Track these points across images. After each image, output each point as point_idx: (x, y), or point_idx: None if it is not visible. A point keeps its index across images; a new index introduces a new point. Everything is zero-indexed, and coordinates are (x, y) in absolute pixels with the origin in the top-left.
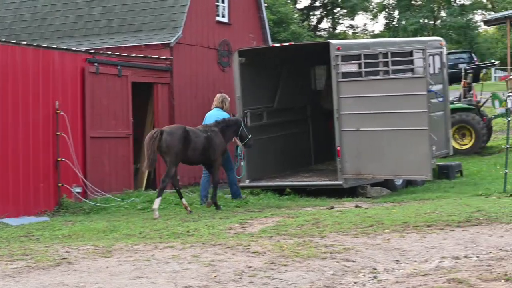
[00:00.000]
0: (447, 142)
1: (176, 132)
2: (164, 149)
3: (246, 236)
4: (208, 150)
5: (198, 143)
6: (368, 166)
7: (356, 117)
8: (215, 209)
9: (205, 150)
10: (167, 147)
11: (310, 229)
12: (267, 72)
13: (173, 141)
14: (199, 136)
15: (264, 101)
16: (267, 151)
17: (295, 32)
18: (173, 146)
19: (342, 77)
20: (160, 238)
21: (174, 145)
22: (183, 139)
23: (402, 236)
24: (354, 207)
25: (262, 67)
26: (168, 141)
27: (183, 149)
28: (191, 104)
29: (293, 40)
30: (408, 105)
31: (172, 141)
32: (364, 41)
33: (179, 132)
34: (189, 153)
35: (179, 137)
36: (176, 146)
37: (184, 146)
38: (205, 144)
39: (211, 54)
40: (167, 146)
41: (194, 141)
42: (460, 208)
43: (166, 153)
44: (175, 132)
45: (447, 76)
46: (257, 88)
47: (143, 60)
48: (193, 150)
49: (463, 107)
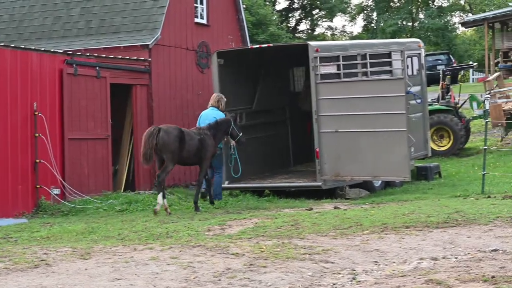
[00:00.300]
0: (425, 144)
1: (172, 131)
2: (160, 146)
3: (225, 238)
4: (201, 152)
5: (192, 145)
6: (347, 168)
7: (334, 119)
8: (193, 210)
9: (198, 152)
10: (163, 144)
11: (289, 230)
12: (246, 73)
13: (169, 139)
14: (193, 138)
15: (243, 103)
16: (245, 152)
17: (274, 33)
18: (168, 144)
19: (320, 79)
20: (139, 239)
21: (170, 143)
22: (179, 138)
23: (380, 237)
24: (333, 209)
25: (241, 69)
26: (165, 139)
27: (179, 148)
28: (169, 105)
29: (272, 41)
30: (387, 107)
31: (168, 139)
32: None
33: (175, 132)
34: (184, 154)
35: (174, 137)
36: (172, 144)
37: (180, 146)
38: (198, 146)
39: (189, 56)
40: (163, 143)
41: (189, 143)
42: (439, 209)
43: (162, 150)
44: (171, 131)
45: (425, 77)
46: (236, 90)
47: (121, 61)
48: (187, 152)
49: (441, 109)
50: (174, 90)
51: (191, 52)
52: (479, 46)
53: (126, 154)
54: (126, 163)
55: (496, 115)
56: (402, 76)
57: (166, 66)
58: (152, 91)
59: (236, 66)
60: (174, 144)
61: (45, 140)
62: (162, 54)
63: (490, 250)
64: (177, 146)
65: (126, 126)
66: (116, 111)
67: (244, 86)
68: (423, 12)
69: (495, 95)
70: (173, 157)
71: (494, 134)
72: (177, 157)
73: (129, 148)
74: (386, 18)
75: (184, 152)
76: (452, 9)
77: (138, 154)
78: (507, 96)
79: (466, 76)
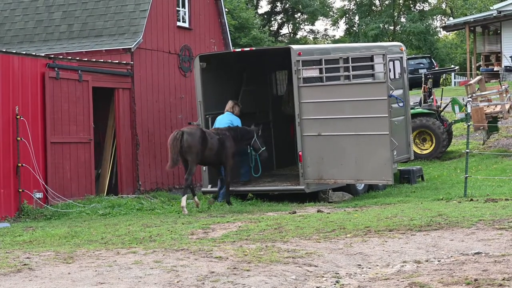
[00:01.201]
0: (408, 147)
1: (195, 132)
2: (185, 149)
3: (208, 241)
4: (221, 152)
5: (213, 144)
6: (330, 171)
7: (317, 122)
8: (227, 205)
9: (218, 152)
10: (188, 146)
11: (272, 234)
12: (228, 77)
13: (194, 141)
14: (213, 138)
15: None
16: None
17: (256, 37)
18: (193, 146)
19: (303, 82)
20: (122, 243)
21: (194, 145)
22: (202, 139)
23: (364, 241)
24: (316, 212)
25: (224, 72)
26: (189, 141)
27: (202, 149)
28: (152, 109)
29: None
30: (369, 110)
31: (193, 141)
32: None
33: (198, 133)
34: (206, 153)
35: (198, 138)
36: (196, 146)
37: (202, 146)
38: (218, 145)
39: (172, 59)
40: (188, 145)
41: (211, 142)
42: (422, 213)
43: (187, 152)
44: (194, 132)
45: (407, 81)
46: (219, 93)
47: (103, 65)
48: (209, 150)
49: (424, 112)
50: (156, 93)
51: (174, 56)
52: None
53: (109, 158)
54: (109, 166)
55: (478, 118)
56: (384, 80)
57: (149, 70)
58: (135, 94)
59: (218, 70)
60: (198, 146)
61: (27, 144)
62: (144, 57)
63: (473, 253)
64: (201, 147)
65: (109, 130)
66: (99, 115)
67: (226, 90)
68: (405, 16)
69: (477, 99)
70: (196, 158)
71: (476, 138)
72: (200, 157)
73: (112, 152)
74: (368, 22)
75: (206, 150)
76: (433, 13)
77: (120, 157)
78: (488, 99)
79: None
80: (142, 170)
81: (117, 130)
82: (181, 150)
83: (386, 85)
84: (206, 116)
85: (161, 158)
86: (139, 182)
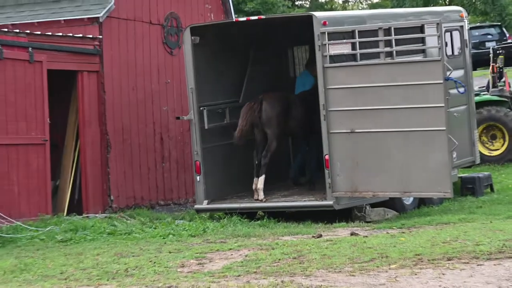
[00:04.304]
0: (472, 147)
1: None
2: (264, 121)
3: (204, 276)
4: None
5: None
6: (368, 181)
7: (350, 115)
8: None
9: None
10: (267, 118)
11: (290, 265)
12: (230, 55)
13: (274, 111)
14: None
15: (226, 95)
16: (231, 161)
17: (267, 1)
18: (274, 116)
19: (330, 62)
20: (89, 279)
21: (275, 115)
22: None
23: (414, 273)
24: (349, 235)
25: (223, 49)
26: (269, 112)
27: (285, 120)
28: (128, 98)
29: (264, 12)
30: (419, 98)
31: (273, 111)
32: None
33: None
34: (290, 123)
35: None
36: (278, 116)
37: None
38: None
39: (154, 32)
40: (268, 117)
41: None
42: (491, 235)
43: (266, 124)
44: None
45: (470, 58)
46: (217, 77)
47: (62, 40)
48: (294, 121)
49: (493, 100)
50: (133, 78)
51: (156, 27)
52: None
53: (70, 165)
54: (70, 176)
55: None
56: (439, 57)
57: (123, 46)
58: (104, 79)
59: (216, 46)
60: (280, 117)
61: None
62: (117, 30)
63: None
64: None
65: (70, 127)
66: (57, 107)
67: (227, 73)
68: None
69: None
70: (278, 130)
71: None
72: (282, 129)
73: (74, 157)
74: None
75: (290, 121)
76: None
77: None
78: None
79: None
80: (114, 180)
81: (80, 128)
82: (260, 121)
83: (441, 64)
84: (201, 108)
85: (139, 164)
86: (111, 196)
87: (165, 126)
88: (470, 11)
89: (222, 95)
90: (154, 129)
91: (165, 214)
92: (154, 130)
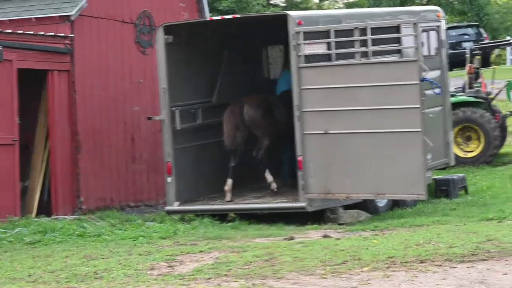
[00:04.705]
0: (446, 149)
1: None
2: (249, 123)
3: (174, 279)
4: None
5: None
6: (341, 182)
7: (324, 116)
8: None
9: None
10: (251, 121)
11: (262, 267)
12: (203, 55)
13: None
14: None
15: (199, 94)
16: (203, 162)
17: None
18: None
19: (305, 61)
20: (57, 282)
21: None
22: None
23: (386, 276)
24: (322, 237)
25: (197, 49)
26: (252, 115)
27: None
28: (99, 98)
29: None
30: (395, 99)
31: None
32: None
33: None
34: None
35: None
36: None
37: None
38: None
39: (126, 31)
40: (251, 119)
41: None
42: (465, 237)
43: (252, 127)
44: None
45: (446, 59)
46: (190, 77)
47: (33, 38)
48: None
49: (469, 101)
50: (105, 77)
51: (129, 26)
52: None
53: (39, 166)
54: (39, 177)
55: None
56: (415, 58)
57: (95, 45)
58: (75, 79)
59: (190, 45)
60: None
61: None
62: (88, 28)
63: None
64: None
65: (40, 127)
66: (26, 107)
67: (200, 72)
68: None
69: None
70: (266, 131)
71: None
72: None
73: (43, 157)
74: None
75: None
76: None
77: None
78: None
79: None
80: (84, 181)
81: (50, 128)
82: (243, 124)
83: (417, 64)
84: (173, 109)
85: (110, 165)
86: (81, 198)
87: (136, 127)
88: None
89: (195, 95)
90: (126, 130)
91: (136, 216)
92: (125, 130)
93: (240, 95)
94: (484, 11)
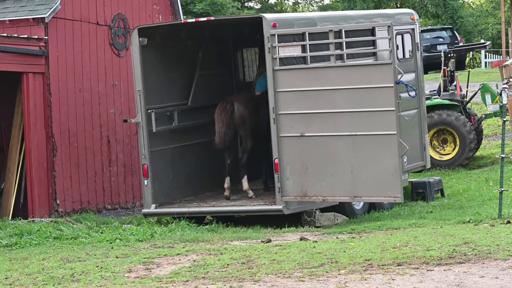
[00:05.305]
0: (422, 152)
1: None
2: (237, 121)
3: (152, 281)
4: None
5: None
6: (317, 185)
7: (299, 118)
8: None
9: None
10: (240, 119)
11: (239, 270)
12: (178, 57)
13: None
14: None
15: (174, 97)
16: (179, 165)
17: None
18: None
19: (280, 64)
20: (34, 285)
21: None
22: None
23: (363, 279)
24: (299, 240)
25: (172, 51)
26: (242, 112)
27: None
28: (74, 101)
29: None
30: (370, 102)
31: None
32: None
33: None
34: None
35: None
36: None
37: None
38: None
39: (101, 33)
40: (241, 117)
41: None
42: (441, 240)
43: (239, 125)
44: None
45: (421, 62)
46: (165, 80)
47: (7, 40)
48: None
49: (444, 104)
50: (80, 79)
51: (103, 28)
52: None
53: (15, 168)
54: (15, 180)
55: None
56: (390, 60)
57: (69, 47)
58: (50, 81)
59: (164, 48)
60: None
61: None
62: (63, 30)
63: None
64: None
65: (15, 130)
66: (1, 110)
67: (176, 75)
68: None
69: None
70: (251, 131)
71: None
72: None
73: (19, 160)
74: None
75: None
76: None
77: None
78: None
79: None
80: (60, 184)
81: (25, 131)
82: (233, 122)
83: (392, 67)
84: (149, 111)
85: (86, 167)
86: (57, 200)
87: (112, 129)
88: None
89: (170, 97)
90: (101, 132)
91: (112, 219)
92: (101, 133)
93: (216, 99)
94: (458, 14)
